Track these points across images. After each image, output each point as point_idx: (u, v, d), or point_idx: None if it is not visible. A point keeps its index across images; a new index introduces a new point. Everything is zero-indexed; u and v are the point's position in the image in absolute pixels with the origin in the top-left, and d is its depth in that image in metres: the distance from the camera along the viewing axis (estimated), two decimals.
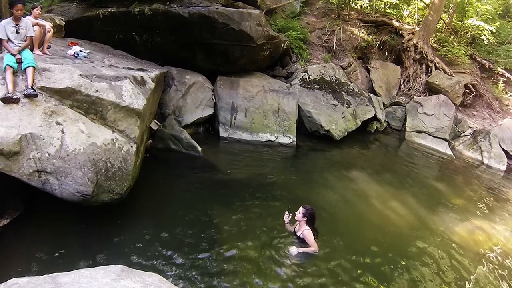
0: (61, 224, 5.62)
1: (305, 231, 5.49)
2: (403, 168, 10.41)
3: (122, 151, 5.75)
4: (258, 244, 5.61)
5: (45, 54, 6.61)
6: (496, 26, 15.21)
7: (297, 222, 5.66)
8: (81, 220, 5.72)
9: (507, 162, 11.80)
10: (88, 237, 5.37)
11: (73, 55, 7.13)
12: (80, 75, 5.61)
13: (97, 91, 5.65)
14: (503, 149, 12.07)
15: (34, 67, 5.32)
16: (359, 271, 5.34)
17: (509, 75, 14.68)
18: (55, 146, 5.10)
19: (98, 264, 4.01)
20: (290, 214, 5.78)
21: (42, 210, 5.79)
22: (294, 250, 5.40)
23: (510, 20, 17.41)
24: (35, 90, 5.17)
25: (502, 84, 14.76)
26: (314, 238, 5.49)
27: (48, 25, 6.94)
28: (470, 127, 13.31)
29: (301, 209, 5.55)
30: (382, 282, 5.21)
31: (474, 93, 14.36)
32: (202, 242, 5.54)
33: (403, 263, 5.77)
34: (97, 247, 5.16)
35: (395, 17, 16.34)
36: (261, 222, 6.22)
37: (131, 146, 5.92)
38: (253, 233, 5.88)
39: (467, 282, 5.53)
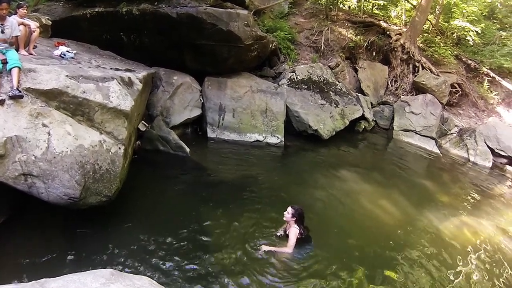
0: (49, 228, 5.53)
1: (291, 229, 5.48)
2: (391, 167, 10.54)
3: (110, 152, 5.68)
4: (247, 245, 5.60)
5: (31, 54, 6.49)
6: (482, 27, 15.50)
7: (287, 222, 5.65)
8: (69, 223, 5.63)
9: (492, 159, 12.06)
10: (76, 241, 5.30)
11: (60, 56, 7.02)
12: (67, 76, 5.51)
13: (84, 92, 5.56)
14: (488, 146, 12.33)
15: (19, 68, 5.21)
16: (348, 270, 5.36)
17: (494, 75, 14.97)
18: (41, 149, 5.01)
19: (87, 268, 3.95)
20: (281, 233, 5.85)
21: (30, 214, 5.66)
22: (265, 248, 5.47)
23: (495, 21, 17.69)
24: (20, 92, 5.06)
25: (487, 84, 15.03)
26: (305, 234, 5.52)
27: (34, 24, 6.81)
28: (456, 126, 13.56)
29: (289, 209, 5.52)
30: (371, 280, 5.25)
31: (460, 92, 14.62)
32: (191, 244, 5.52)
33: (392, 260, 5.84)
34: (85, 250, 5.10)
35: (382, 18, 16.52)
36: (250, 223, 6.22)
37: (119, 148, 5.86)
38: (242, 234, 5.88)
39: (455, 277, 5.63)
